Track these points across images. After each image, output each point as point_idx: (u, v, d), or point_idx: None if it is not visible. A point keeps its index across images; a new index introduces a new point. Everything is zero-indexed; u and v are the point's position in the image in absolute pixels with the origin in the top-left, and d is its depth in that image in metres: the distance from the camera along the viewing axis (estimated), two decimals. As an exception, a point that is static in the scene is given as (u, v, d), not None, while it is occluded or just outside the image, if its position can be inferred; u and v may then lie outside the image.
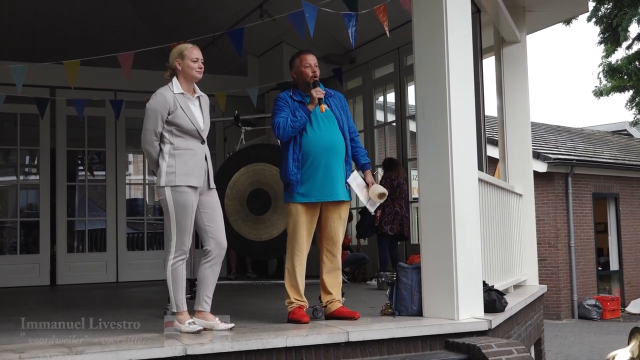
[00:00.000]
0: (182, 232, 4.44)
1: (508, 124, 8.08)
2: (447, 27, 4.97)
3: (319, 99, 4.88)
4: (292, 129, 4.85)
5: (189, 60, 4.55)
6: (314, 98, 4.88)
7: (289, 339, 4.09)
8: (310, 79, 4.95)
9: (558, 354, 10.88)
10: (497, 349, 4.35)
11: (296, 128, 4.86)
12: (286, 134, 4.87)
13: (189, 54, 4.56)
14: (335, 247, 4.99)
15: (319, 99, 4.88)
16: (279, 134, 4.90)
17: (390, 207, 8.73)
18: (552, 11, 8.63)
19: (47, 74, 9.16)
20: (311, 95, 4.90)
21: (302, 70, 4.98)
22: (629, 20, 16.69)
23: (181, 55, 4.56)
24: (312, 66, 4.97)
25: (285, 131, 4.86)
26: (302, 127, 4.88)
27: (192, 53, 4.57)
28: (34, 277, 10.41)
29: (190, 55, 4.56)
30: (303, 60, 4.99)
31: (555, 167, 15.44)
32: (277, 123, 4.88)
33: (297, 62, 5.03)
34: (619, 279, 17.31)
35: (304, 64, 4.98)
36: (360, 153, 5.14)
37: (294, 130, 4.86)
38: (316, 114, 4.92)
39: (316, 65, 5.01)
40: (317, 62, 5.04)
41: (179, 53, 4.57)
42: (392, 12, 5.90)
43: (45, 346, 3.91)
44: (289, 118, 4.86)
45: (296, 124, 4.85)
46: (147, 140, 4.51)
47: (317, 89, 4.90)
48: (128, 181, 12.26)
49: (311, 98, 4.89)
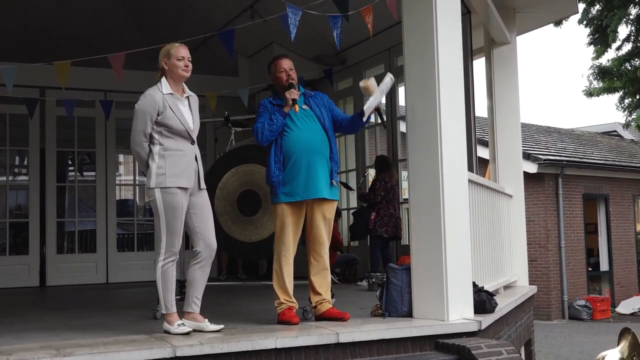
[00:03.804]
0: (172, 233, 4.43)
1: (498, 125, 8.10)
2: (437, 28, 4.98)
3: (293, 100, 4.93)
4: (269, 132, 4.90)
5: (174, 59, 4.54)
6: (288, 100, 4.94)
7: (278, 340, 4.09)
8: (285, 82, 5.01)
9: (548, 354, 10.91)
10: (486, 349, 4.36)
11: (274, 131, 4.91)
12: (265, 138, 4.92)
13: (175, 53, 4.54)
14: (322, 247, 5.00)
15: (293, 100, 4.93)
16: (259, 139, 4.96)
17: (384, 209, 8.70)
18: (542, 12, 8.66)
19: (37, 74, 9.09)
20: (285, 97, 4.94)
21: (277, 75, 5.07)
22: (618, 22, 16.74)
23: (167, 55, 4.54)
24: (287, 70, 5.05)
25: (264, 135, 4.91)
26: (281, 130, 4.92)
27: (178, 52, 4.55)
28: (23, 278, 10.35)
29: (176, 54, 4.54)
30: (277, 66, 5.08)
31: (546, 168, 15.50)
32: (255, 129, 4.97)
33: (272, 68, 5.12)
34: (609, 279, 17.38)
35: (279, 69, 5.06)
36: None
37: (272, 133, 4.91)
38: (297, 114, 4.96)
39: (291, 68, 5.07)
40: (292, 65, 5.10)
41: (165, 53, 4.56)
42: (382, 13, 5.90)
43: (33, 348, 3.89)
44: (266, 122, 4.92)
45: (273, 127, 4.90)
46: (136, 141, 4.49)
47: (290, 91, 4.96)
48: (118, 182, 12.23)
49: (286, 100, 4.95)
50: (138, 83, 5.88)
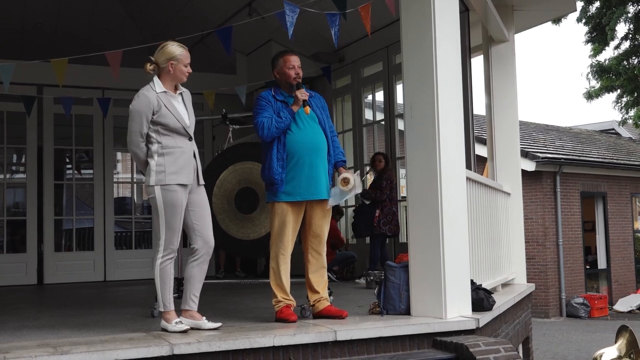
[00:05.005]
0: (171, 230, 4.42)
1: (496, 123, 8.10)
2: (435, 26, 4.97)
3: (304, 100, 4.88)
4: (276, 129, 4.85)
5: (182, 65, 4.53)
6: (298, 99, 4.88)
7: (276, 338, 4.08)
8: (294, 80, 4.95)
9: (546, 352, 10.92)
10: (484, 347, 4.36)
11: (280, 129, 4.85)
12: (270, 135, 4.86)
13: (183, 59, 4.53)
14: (321, 245, 5.00)
15: (304, 100, 4.88)
16: (263, 134, 4.88)
17: (388, 207, 8.72)
18: (540, 10, 8.66)
19: (35, 72, 9.11)
20: (296, 97, 4.90)
21: (286, 71, 4.98)
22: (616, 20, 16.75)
23: (174, 58, 4.50)
24: (296, 68, 4.97)
25: (270, 132, 4.85)
26: (286, 128, 4.87)
27: (186, 58, 4.54)
28: (20, 276, 10.35)
29: (184, 61, 4.53)
30: (287, 62, 4.98)
31: (544, 166, 15.50)
32: (260, 123, 4.87)
33: (280, 62, 5.01)
34: (607, 277, 17.40)
35: (288, 65, 4.97)
36: (337, 151, 5.11)
37: (278, 131, 4.86)
38: (299, 113, 4.92)
39: (299, 66, 5.00)
40: (301, 63, 5.04)
41: (172, 56, 4.51)
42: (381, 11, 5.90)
43: (30, 346, 3.88)
44: (273, 119, 4.85)
45: (281, 125, 4.85)
46: (133, 142, 4.48)
47: (301, 91, 4.91)
48: (116, 179, 12.18)
49: (296, 99, 4.90)
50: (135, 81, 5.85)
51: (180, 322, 4.39)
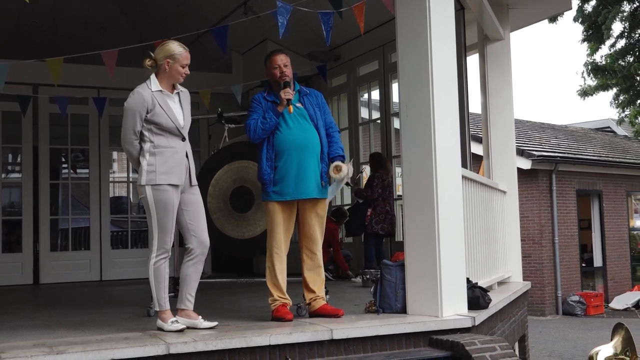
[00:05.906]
0: (164, 230, 4.42)
1: (492, 121, 8.11)
2: (430, 25, 4.97)
3: (287, 100, 4.88)
4: (262, 130, 4.88)
5: (179, 65, 4.51)
6: (282, 99, 4.89)
7: (272, 337, 4.08)
8: (280, 79, 4.95)
9: (542, 350, 10.94)
10: (480, 345, 4.36)
11: (266, 130, 4.88)
12: (257, 136, 4.90)
13: (181, 60, 4.51)
14: (315, 245, 4.99)
15: (287, 100, 4.88)
16: (250, 136, 4.94)
17: (381, 206, 8.73)
18: (535, 9, 8.67)
19: (30, 71, 9.08)
20: (280, 97, 4.90)
21: (271, 71, 4.99)
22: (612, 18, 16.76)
23: (172, 57, 4.49)
24: (281, 67, 4.95)
25: (256, 133, 4.89)
26: (273, 128, 4.88)
27: (184, 58, 4.53)
28: (16, 276, 10.33)
29: (182, 61, 4.52)
30: (272, 62, 4.98)
31: (540, 164, 15.52)
32: (248, 125, 4.94)
33: (267, 63, 5.03)
34: (603, 275, 17.43)
35: (273, 65, 4.97)
36: (334, 147, 5.10)
37: (265, 132, 4.88)
38: (289, 112, 4.92)
39: (286, 65, 4.98)
40: (288, 62, 5.01)
41: (171, 54, 4.50)
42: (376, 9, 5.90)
43: (26, 346, 3.88)
44: (259, 120, 4.89)
45: (266, 126, 4.87)
46: (126, 139, 4.48)
47: (285, 90, 4.90)
48: (112, 179, 12.22)
49: (280, 99, 4.91)
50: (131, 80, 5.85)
51: (176, 321, 4.39)
